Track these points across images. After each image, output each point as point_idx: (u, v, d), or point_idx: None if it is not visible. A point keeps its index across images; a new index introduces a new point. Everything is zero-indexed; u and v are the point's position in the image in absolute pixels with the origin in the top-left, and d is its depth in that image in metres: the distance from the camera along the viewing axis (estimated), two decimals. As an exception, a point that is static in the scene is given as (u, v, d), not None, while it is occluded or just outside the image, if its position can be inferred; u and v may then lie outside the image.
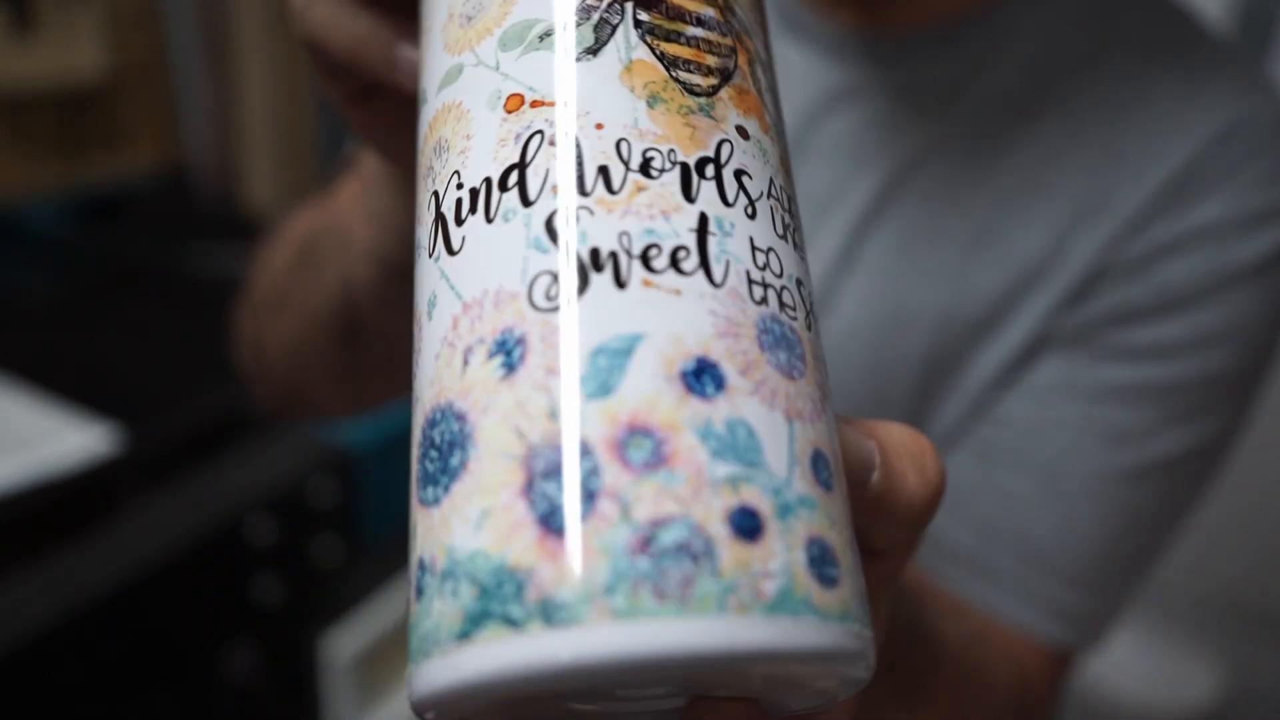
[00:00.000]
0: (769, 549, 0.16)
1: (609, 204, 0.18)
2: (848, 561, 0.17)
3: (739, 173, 0.19)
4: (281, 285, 0.48)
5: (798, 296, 0.19)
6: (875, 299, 0.45)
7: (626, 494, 0.16)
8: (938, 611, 0.35)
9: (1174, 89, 0.44)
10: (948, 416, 0.46)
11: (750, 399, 0.17)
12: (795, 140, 0.47)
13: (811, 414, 0.18)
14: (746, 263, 0.18)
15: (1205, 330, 0.42)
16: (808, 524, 0.17)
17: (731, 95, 0.20)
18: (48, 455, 0.88)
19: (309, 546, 1.04)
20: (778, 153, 0.21)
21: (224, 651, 0.98)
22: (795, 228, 0.20)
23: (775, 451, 0.17)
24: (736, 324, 0.18)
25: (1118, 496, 0.43)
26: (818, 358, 0.19)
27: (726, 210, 0.19)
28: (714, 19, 0.21)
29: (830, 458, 0.18)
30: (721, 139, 0.19)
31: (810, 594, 0.16)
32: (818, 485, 0.17)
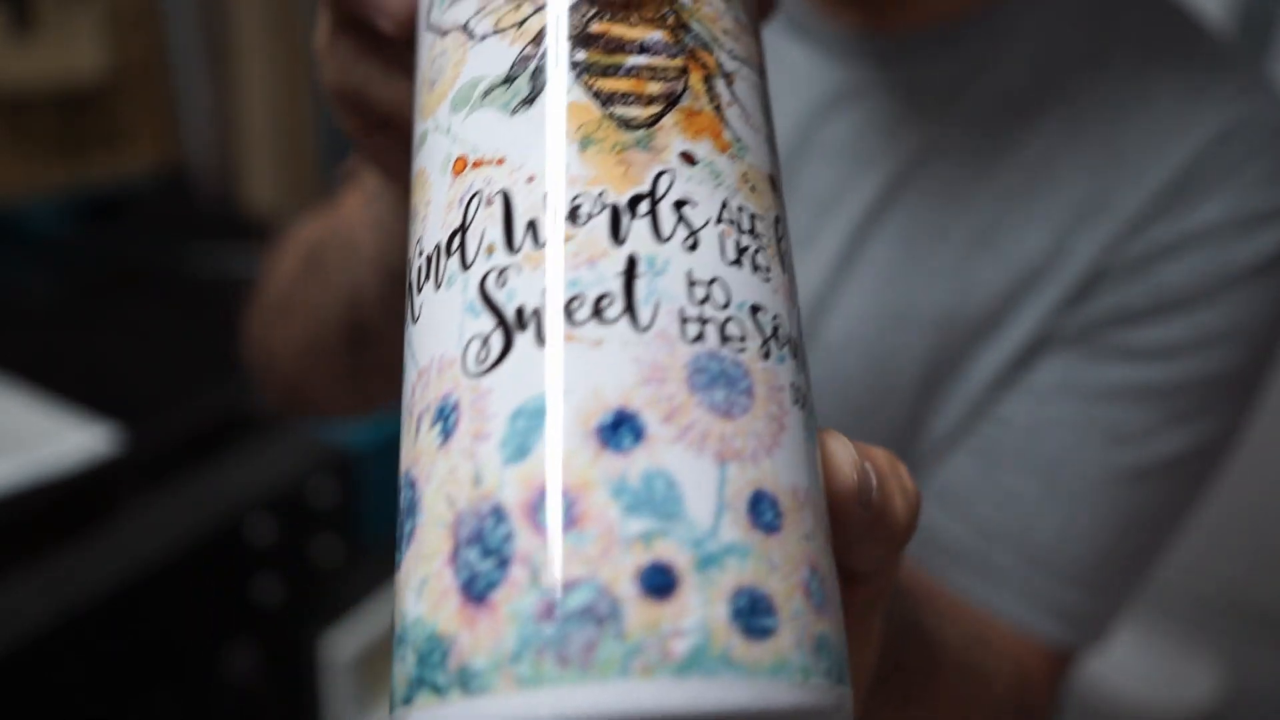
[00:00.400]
0: (683, 606, 0.16)
1: (535, 259, 0.18)
2: (793, 607, 0.16)
3: (679, 203, 0.18)
4: (288, 291, 0.49)
5: (749, 325, 0.18)
6: (877, 299, 0.45)
7: (537, 559, 0.16)
8: (938, 612, 0.35)
9: (1175, 89, 0.44)
10: (949, 416, 0.46)
11: (673, 447, 0.16)
12: (798, 140, 0.47)
13: (755, 452, 0.17)
14: (680, 300, 0.18)
15: (1206, 331, 0.42)
16: (736, 574, 0.16)
17: (678, 120, 0.19)
18: (48, 455, 0.88)
19: (309, 546, 1.04)
20: (739, 170, 0.20)
21: (224, 651, 0.98)
22: (760, 247, 0.19)
23: (699, 500, 0.16)
24: (663, 368, 0.17)
25: (1118, 496, 0.43)
26: (776, 387, 0.18)
27: (660, 247, 0.18)
28: (661, 41, 0.20)
29: (780, 495, 0.17)
30: (660, 171, 0.19)
31: (730, 649, 0.15)
32: (755, 529, 0.16)
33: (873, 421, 0.46)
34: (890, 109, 0.45)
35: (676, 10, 0.21)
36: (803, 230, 0.47)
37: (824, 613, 0.17)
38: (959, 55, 0.45)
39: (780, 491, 0.17)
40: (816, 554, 0.17)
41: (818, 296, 0.46)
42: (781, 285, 0.19)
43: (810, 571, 0.17)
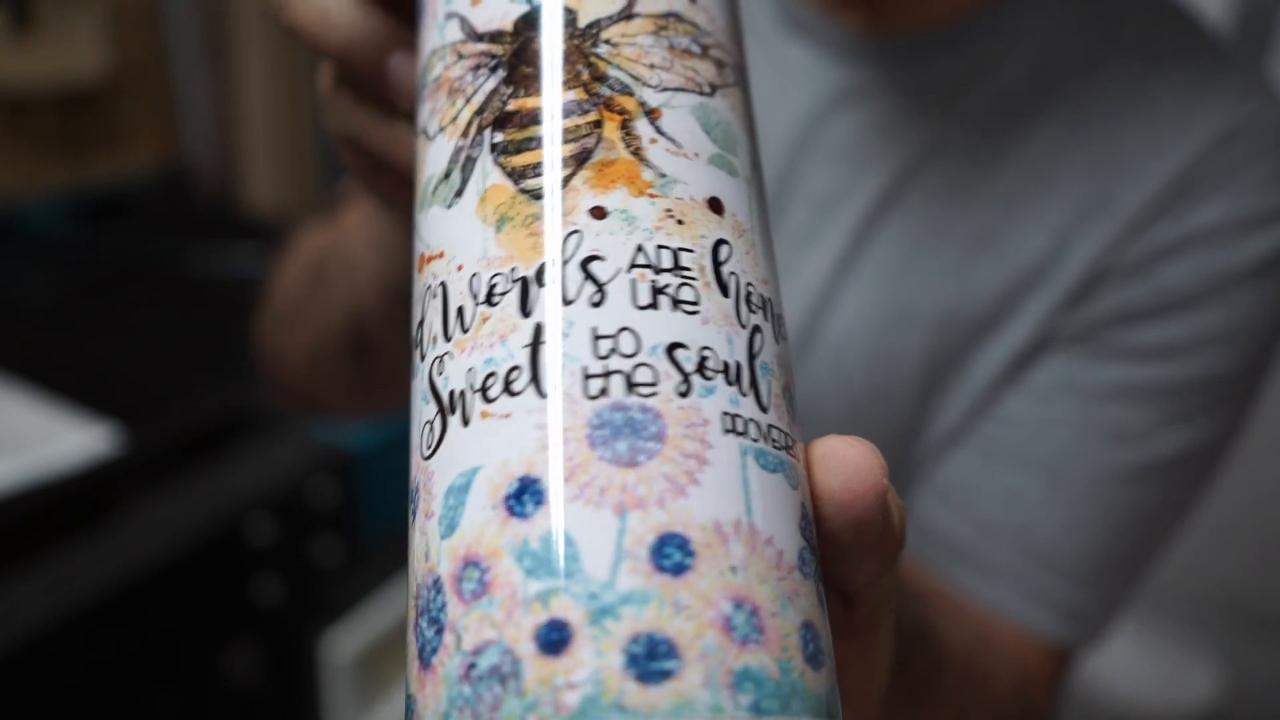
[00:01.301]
0: (576, 659, 0.16)
1: (462, 344, 0.19)
2: (705, 644, 0.16)
3: (587, 260, 0.19)
4: (295, 301, 0.50)
5: (665, 365, 0.18)
6: (878, 298, 0.46)
7: (460, 625, 0.17)
8: (940, 612, 0.35)
9: (1176, 91, 0.44)
10: (949, 415, 0.46)
11: (573, 505, 0.17)
12: (799, 140, 0.47)
13: (665, 494, 0.17)
14: (584, 359, 0.18)
15: (1206, 331, 0.43)
16: (632, 621, 0.16)
17: (588, 176, 0.20)
18: (48, 455, 0.88)
19: (309, 546, 1.04)
20: (661, 208, 0.20)
21: (224, 651, 0.98)
22: (684, 282, 0.19)
23: (596, 554, 0.17)
24: (564, 430, 0.17)
25: (1119, 495, 0.44)
26: (695, 423, 0.18)
27: (565, 310, 0.18)
28: (573, 102, 0.20)
29: (694, 534, 0.17)
30: (569, 233, 0.19)
31: (624, 696, 0.16)
32: (657, 574, 0.17)
33: (873, 420, 0.46)
34: (892, 110, 0.45)
35: (592, 64, 0.21)
36: (804, 230, 0.47)
37: (752, 645, 0.17)
38: (960, 56, 0.45)
39: (695, 529, 0.17)
40: (747, 585, 0.17)
41: (819, 296, 0.46)
42: (716, 313, 0.19)
43: (734, 605, 0.17)
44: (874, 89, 0.46)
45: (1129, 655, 1.33)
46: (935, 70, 0.45)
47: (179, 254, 1.32)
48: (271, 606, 1.01)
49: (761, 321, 0.20)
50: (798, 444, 0.20)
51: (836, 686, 0.18)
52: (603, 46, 0.21)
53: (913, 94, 0.46)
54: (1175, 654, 1.36)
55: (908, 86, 0.46)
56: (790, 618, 0.17)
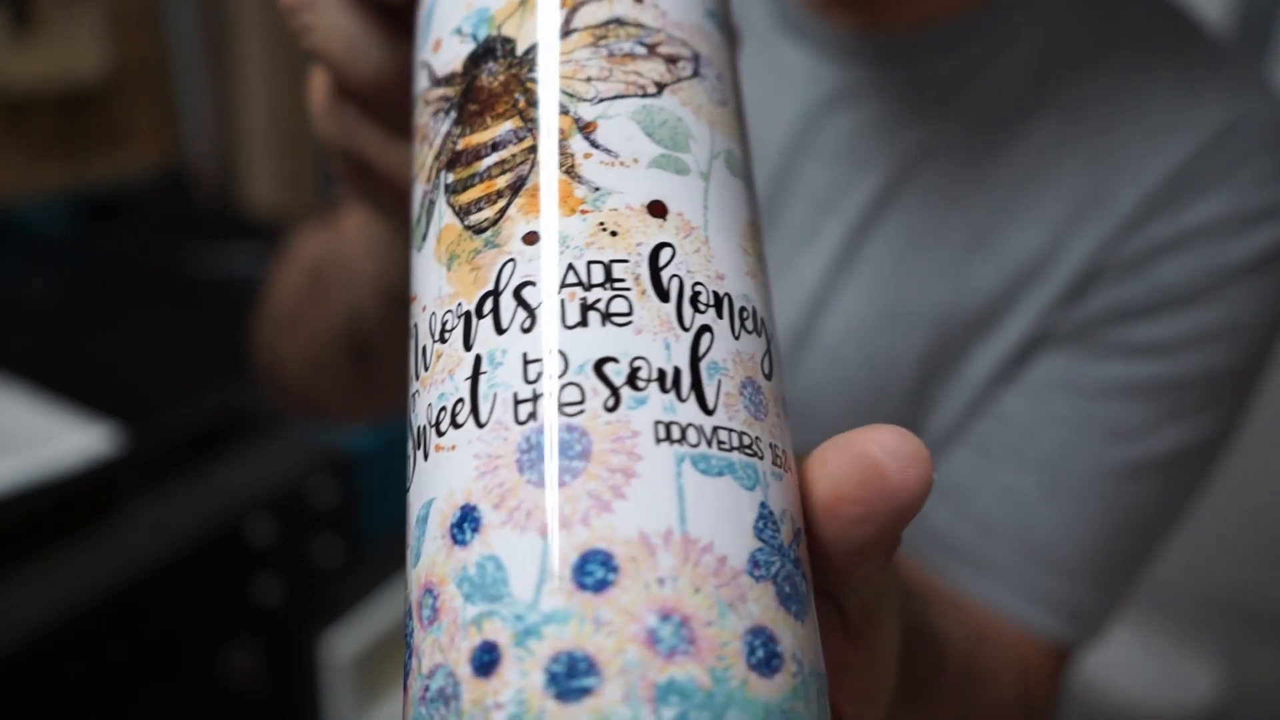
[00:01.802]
0: (503, 679, 0.16)
1: (424, 381, 0.20)
2: (626, 659, 0.16)
3: (520, 288, 0.19)
4: (294, 306, 0.50)
5: (594, 381, 0.18)
6: (875, 297, 0.46)
7: (420, 650, 0.18)
8: (939, 611, 0.35)
9: (1172, 88, 0.44)
10: (947, 413, 0.46)
11: (502, 530, 0.17)
12: (795, 141, 0.47)
13: (589, 511, 0.17)
14: (515, 385, 0.18)
15: (1203, 328, 0.43)
16: (553, 641, 0.16)
17: (522, 204, 0.20)
18: (48, 455, 0.88)
19: (309, 546, 1.04)
20: (593, 222, 0.20)
21: (224, 651, 0.98)
22: (616, 295, 0.19)
23: (521, 576, 0.17)
24: (496, 457, 0.18)
25: (1117, 492, 0.44)
26: (624, 435, 0.18)
27: (499, 339, 0.19)
28: (510, 131, 0.21)
29: (618, 548, 0.17)
30: (504, 263, 0.19)
31: (544, 714, 0.16)
32: (579, 591, 0.17)
33: (871, 418, 0.47)
34: (887, 109, 0.46)
35: (526, 90, 0.21)
36: (802, 229, 0.47)
37: (680, 656, 0.17)
38: (956, 55, 0.45)
39: (619, 544, 0.17)
40: (677, 596, 0.17)
41: (816, 295, 0.46)
42: (652, 320, 0.19)
43: (660, 618, 0.17)
44: (869, 89, 0.46)
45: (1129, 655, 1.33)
46: (930, 69, 0.45)
47: (179, 254, 1.32)
48: (271, 606, 1.01)
49: (713, 320, 0.20)
50: (762, 440, 0.19)
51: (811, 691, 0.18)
52: (538, 69, 0.22)
53: (908, 93, 0.46)
54: (1175, 654, 1.36)
55: (903, 86, 0.46)
56: (731, 625, 0.17)
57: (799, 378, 0.47)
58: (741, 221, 0.21)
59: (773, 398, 0.20)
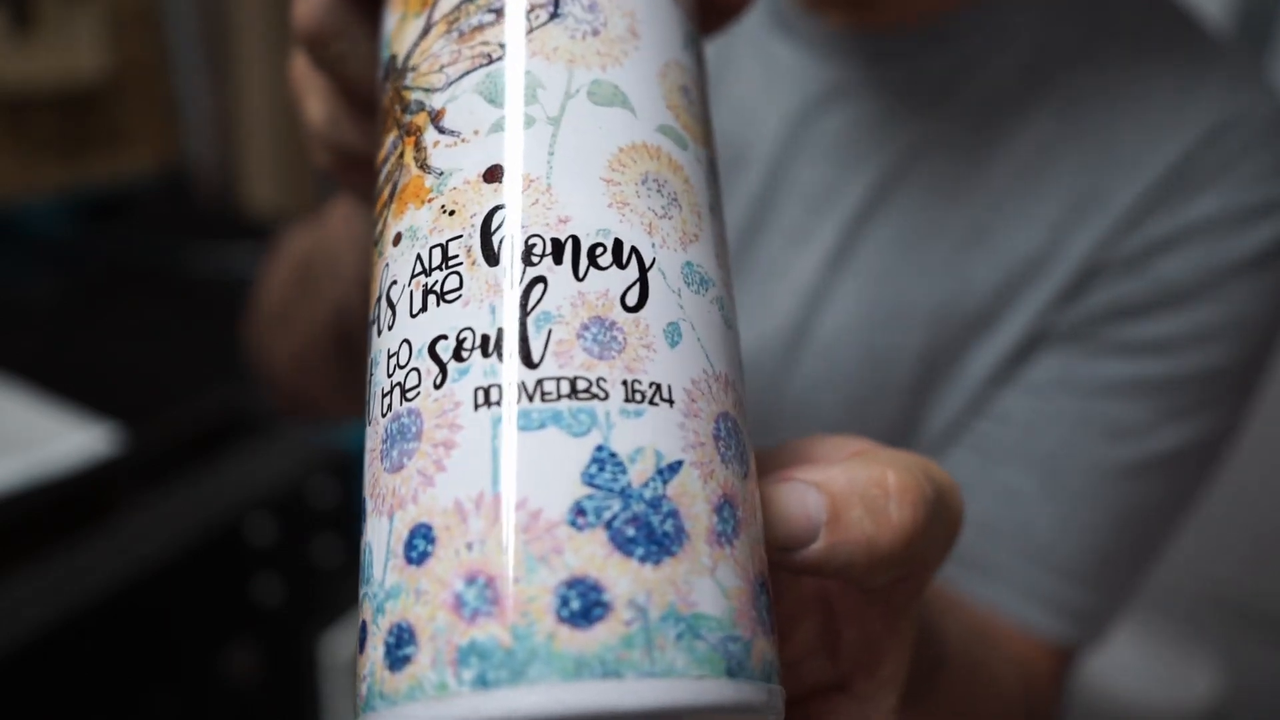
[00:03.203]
0: (366, 654, 0.18)
1: None
2: (436, 626, 0.17)
3: (388, 290, 0.20)
4: (283, 303, 0.51)
5: (425, 364, 0.19)
6: (871, 296, 0.46)
7: None
8: (940, 610, 0.35)
9: (1169, 84, 0.44)
10: (945, 412, 0.46)
11: (371, 519, 0.19)
12: (789, 138, 0.47)
13: (419, 487, 0.18)
14: (381, 380, 0.20)
15: (1203, 325, 0.42)
16: (391, 614, 0.18)
17: (394, 209, 0.21)
18: (48, 455, 0.88)
19: (309, 546, 1.04)
20: (436, 207, 0.20)
21: (224, 651, 0.98)
22: (449, 273, 0.19)
23: (377, 557, 0.18)
24: (372, 451, 0.19)
25: (1117, 492, 0.43)
26: (447, 409, 0.18)
27: (378, 341, 0.20)
28: (391, 143, 0.22)
29: (436, 520, 0.17)
30: (383, 269, 0.21)
31: (383, 684, 0.17)
32: (408, 566, 0.18)
33: (868, 417, 0.46)
34: (881, 106, 0.46)
35: (401, 97, 0.22)
36: (796, 227, 0.47)
37: (481, 618, 0.17)
38: (950, 51, 0.45)
39: (437, 515, 0.17)
40: (484, 558, 0.17)
41: (812, 293, 0.46)
42: (478, 288, 0.19)
43: (466, 581, 0.17)
44: (863, 87, 0.46)
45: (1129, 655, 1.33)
46: (924, 66, 0.45)
47: (179, 254, 1.32)
48: (271, 606, 1.01)
49: (549, 269, 0.19)
50: (608, 379, 0.18)
51: (661, 638, 0.17)
52: (408, 75, 0.22)
53: (902, 90, 0.46)
54: (1175, 654, 1.36)
55: (897, 83, 0.46)
56: (541, 579, 0.17)
57: (796, 377, 0.47)
58: (607, 152, 0.21)
59: (642, 329, 0.19)
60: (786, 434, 0.47)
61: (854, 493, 0.20)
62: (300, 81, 0.30)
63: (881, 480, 0.20)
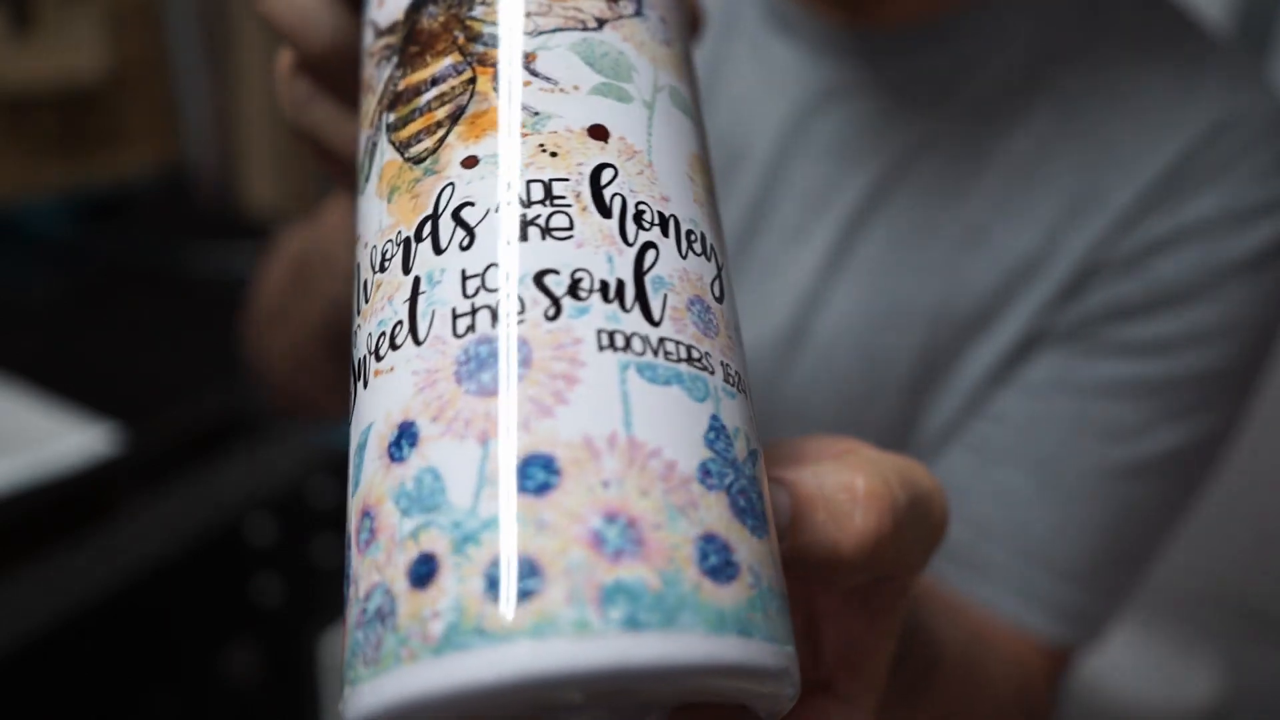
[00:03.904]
0: (440, 588, 0.16)
1: (365, 313, 0.20)
2: (571, 559, 0.16)
3: (459, 209, 0.20)
4: (278, 301, 0.51)
5: (534, 292, 0.18)
6: (868, 296, 0.45)
7: (356, 575, 0.18)
8: (937, 610, 0.35)
9: (1167, 83, 0.44)
10: (942, 412, 0.46)
11: (440, 442, 0.17)
12: (787, 137, 0.47)
13: (531, 416, 0.17)
14: (453, 300, 0.19)
15: (1200, 326, 0.42)
16: (491, 546, 0.16)
17: (461, 131, 0.20)
18: (48, 455, 0.88)
19: (309, 546, 1.04)
20: (532, 144, 0.20)
21: (224, 651, 0.98)
22: (556, 210, 0.19)
23: (460, 484, 0.17)
24: (434, 371, 0.18)
25: (1114, 492, 0.43)
26: (566, 342, 0.18)
27: (438, 259, 0.19)
28: (449, 67, 0.22)
29: (560, 451, 0.17)
30: (442, 187, 0.20)
31: (483, 620, 0.16)
32: (520, 495, 0.17)
33: (865, 417, 0.46)
34: (879, 106, 0.45)
35: (467, 27, 0.22)
36: (793, 227, 0.47)
37: (626, 558, 0.16)
38: (948, 51, 0.45)
39: (561, 447, 0.17)
40: (623, 498, 0.17)
41: (809, 293, 0.46)
42: (594, 235, 0.19)
43: (605, 519, 0.17)
44: (861, 85, 0.46)
45: (1129, 655, 1.33)
46: (922, 65, 0.45)
47: (179, 254, 1.32)
48: (271, 606, 1.01)
49: (658, 237, 0.20)
50: (712, 357, 0.19)
51: (771, 609, 0.18)
52: (478, 9, 0.22)
53: (900, 89, 0.45)
54: (1175, 654, 1.36)
55: (895, 82, 0.46)
56: (682, 529, 0.17)
57: (793, 377, 0.47)
58: (688, 153, 0.22)
59: (724, 321, 0.20)
60: (784, 433, 0.47)
61: (819, 496, 0.20)
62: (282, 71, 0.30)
63: (850, 485, 0.20)
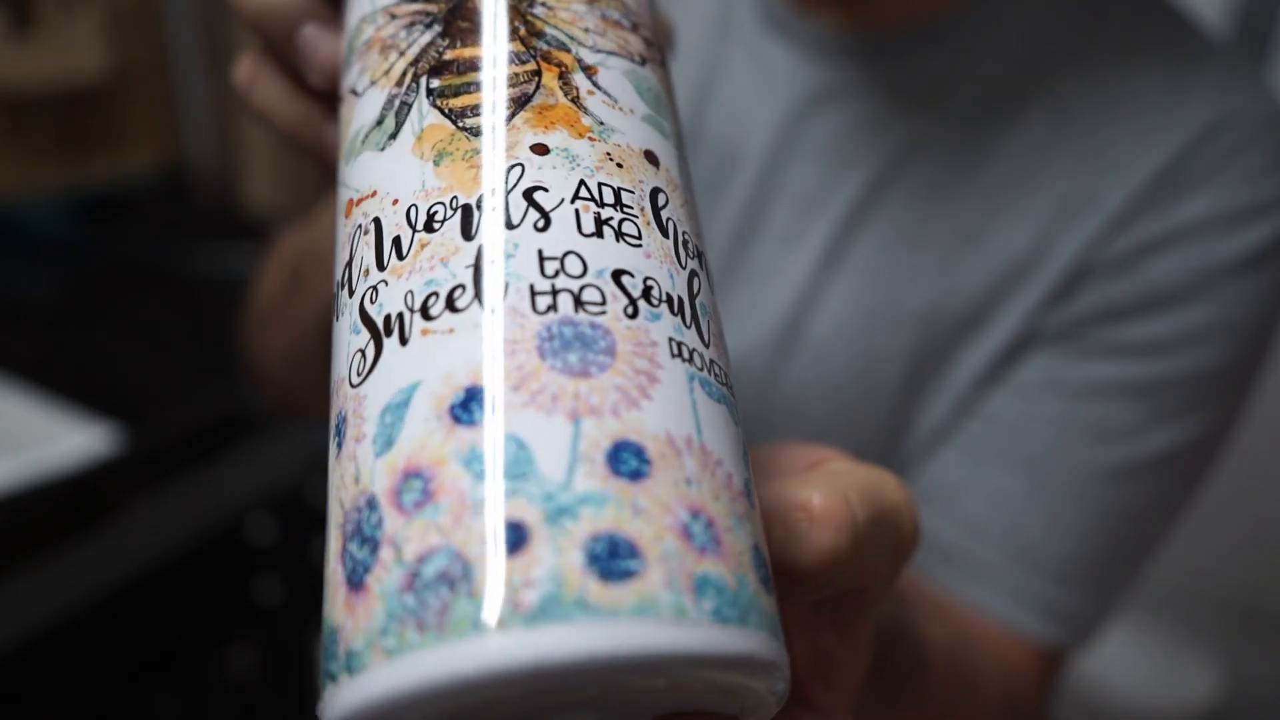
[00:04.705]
0: (533, 557, 0.16)
1: (399, 270, 0.20)
2: (666, 547, 0.17)
3: (531, 190, 0.20)
4: (274, 303, 0.51)
5: (612, 289, 0.19)
6: (862, 296, 0.46)
7: (399, 537, 0.17)
8: (924, 612, 0.35)
9: (1161, 84, 0.44)
10: (935, 413, 0.46)
11: (523, 412, 0.17)
12: (781, 139, 0.47)
13: (618, 404, 0.18)
14: (530, 276, 0.19)
15: (1193, 327, 0.42)
16: (591, 522, 0.16)
17: (529, 117, 0.21)
18: (48, 455, 0.88)
19: (309, 546, 1.04)
20: (601, 151, 0.21)
21: (224, 651, 0.98)
22: (626, 217, 0.20)
23: (551, 457, 0.17)
24: (512, 341, 0.18)
25: (1106, 494, 0.43)
26: (644, 343, 0.19)
27: (509, 233, 0.19)
28: (512, 52, 0.22)
29: (651, 441, 0.17)
30: (511, 165, 0.20)
31: (586, 594, 0.16)
32: (615, 477, 0.17)
33: (859, 418, 0.46)
34: (873, 107, 0.45)
35: (529, 21, 0.23)
36: (787, 229, 0.47)
37: (709, 555, 0.17)
38: (941, 52, 0.45)
39: (649, 439, 0.17)
40: (702, 498, 0.18)
41: (803, 294, 0.46)
42: (658, 249, 0.20)
43: (690, 515, 0.17)
44: (855, 87, 0.46)
45: (1128, 655, 1.33)
46: (916, 67, 0.45)
47: (179, 254, 1.32)
48: (271, 606, 1.01)
49: (698, 269, 0.21)
50: (736, 388, 0.21)
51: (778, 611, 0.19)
52: (539, 8, 0.23)
53: (894, 91, 0.45)
54: (1175, 654, 1.36)
55: (889, 84, 0.46)
56: (742, 537, 0.18)
57: (787, 378, 0.47)
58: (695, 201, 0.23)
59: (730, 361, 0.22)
60: (777, 435, 0.47)
61: (777, 513, 0.21)
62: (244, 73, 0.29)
63: (806, 504, 0.21)
